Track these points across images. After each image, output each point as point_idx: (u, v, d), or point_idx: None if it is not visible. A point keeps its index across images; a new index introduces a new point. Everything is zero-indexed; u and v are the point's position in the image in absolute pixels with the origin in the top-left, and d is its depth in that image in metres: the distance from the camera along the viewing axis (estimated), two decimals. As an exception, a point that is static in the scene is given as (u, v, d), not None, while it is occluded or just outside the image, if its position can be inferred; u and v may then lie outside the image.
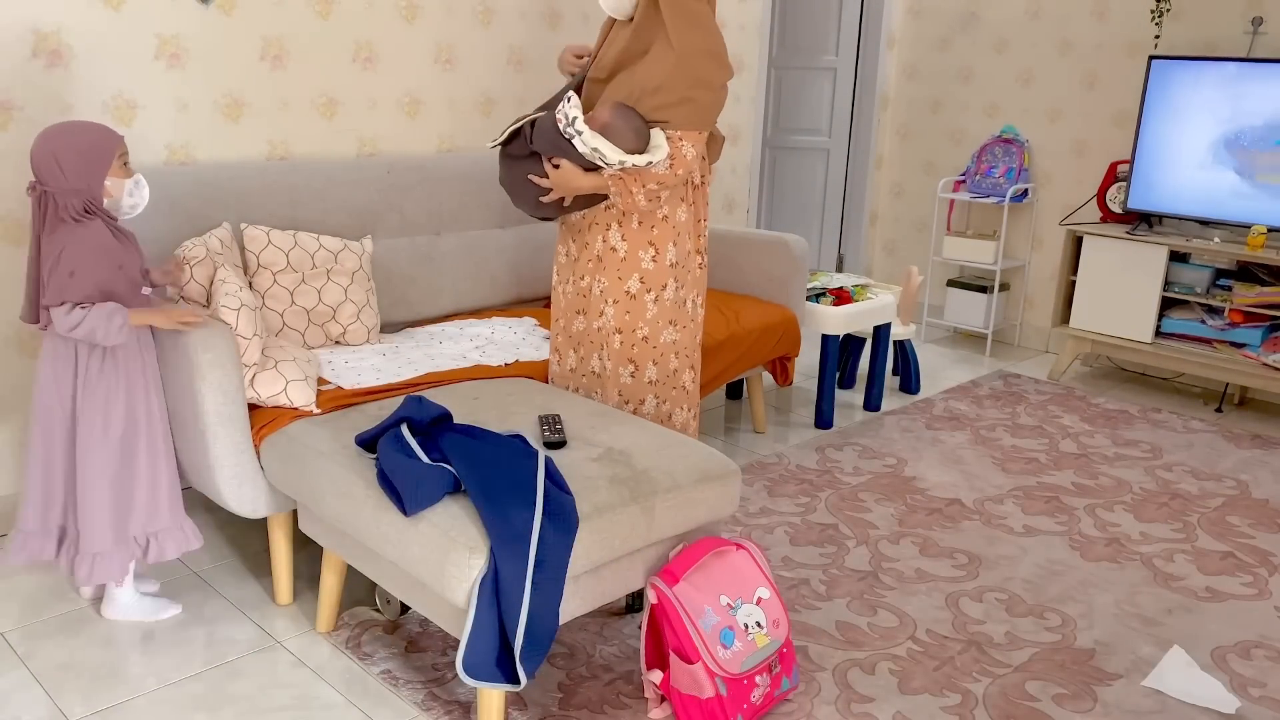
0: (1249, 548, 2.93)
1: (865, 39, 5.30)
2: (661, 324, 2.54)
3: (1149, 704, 2.18)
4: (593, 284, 2.53)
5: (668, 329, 2.55)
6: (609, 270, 2.50)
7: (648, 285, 2.51)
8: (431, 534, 1.83)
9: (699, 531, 2.21)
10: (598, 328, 2.54)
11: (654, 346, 2.55)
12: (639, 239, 2.48)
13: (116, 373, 2.17)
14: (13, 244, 2.62)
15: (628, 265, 2.49)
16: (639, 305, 2.51)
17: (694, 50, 2.31)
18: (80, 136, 2.11)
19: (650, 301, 2.52)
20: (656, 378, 2.57)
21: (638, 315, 2.52)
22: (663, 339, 2.55)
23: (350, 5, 3.15)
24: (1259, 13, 4.15)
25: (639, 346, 2.54)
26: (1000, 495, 3.22)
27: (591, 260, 2.52)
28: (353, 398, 2.43)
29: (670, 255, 2.50)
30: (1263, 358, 3.94)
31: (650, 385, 2.57)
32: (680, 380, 2.62)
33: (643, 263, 2.49)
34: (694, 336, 2.64)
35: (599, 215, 2.49)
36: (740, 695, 1.96)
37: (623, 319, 2.51)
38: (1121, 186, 4.50)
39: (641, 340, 2.53)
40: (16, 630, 2.31)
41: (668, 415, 2.63)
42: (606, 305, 2.51)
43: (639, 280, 2.50)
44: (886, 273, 5.61)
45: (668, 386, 2.60)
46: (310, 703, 2.09)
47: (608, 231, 2.48)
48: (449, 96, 3.48)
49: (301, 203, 2.89)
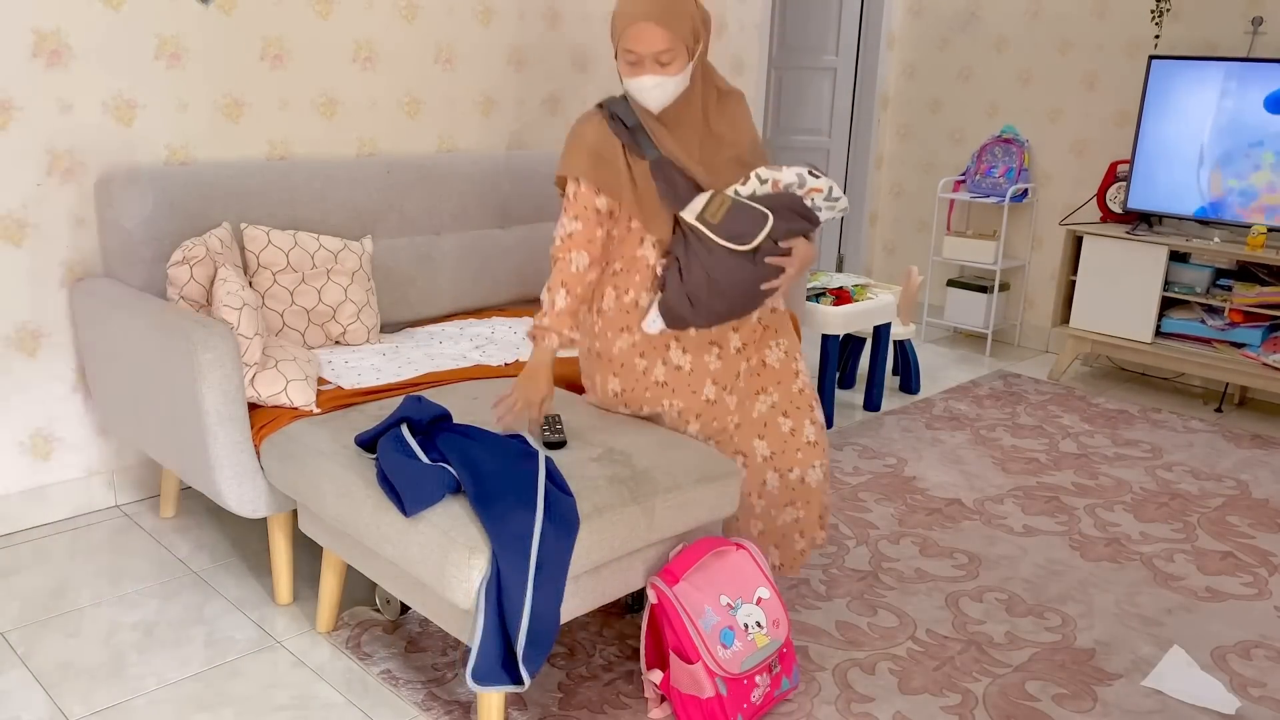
0: (1249, 548, 2.93)
1: (865, 39, 5.30)
2: None
3: (1149, 704, 2.18)
4: (769, 354, 2.34)
5: None
6: (785, 330, 2.37)
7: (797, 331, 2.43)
8: (431, 534, 1.83)
9: (699, 531, 2.21)
10: (799, 390, 2.36)
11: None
12: None
13: None
14: (13, 244, 2.63)
15: (788, 317, 2.40)
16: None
17: None
18: None
19: None
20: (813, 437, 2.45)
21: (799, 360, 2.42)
22: None
23: (350, 5, 3.15)
24: (1259, 13, 4.15)
25: (795, 399, 2.39)
26: (1000, 495, 3.22)
27: (758, 330, 2.33)
28: (353, 398, 2.43)
29: None
30: (1263, 358, 3.94)
31: None
32: None
33: (779, 308, 2.39)
34: None
35: None
36: (740, 695, 1.96)
37: (805, 365, 2.42)
38: (1121, 186, 4.50)
39: (797, 393, 2.39)
40: (16, 630, 2.31)
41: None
42: (797, 362, 2.37)
43: (792, 325, 2.43)
44: (886, 273, 5.61)
45: None
46: (310, 703, 2.09)
47: None
48: (449, 96, 3.48)
49: (301, 203, 2.89)
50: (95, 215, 2.74)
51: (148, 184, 2.62)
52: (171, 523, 2.84)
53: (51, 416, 2.77)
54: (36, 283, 2.68)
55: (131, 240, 2.61)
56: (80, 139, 2.68)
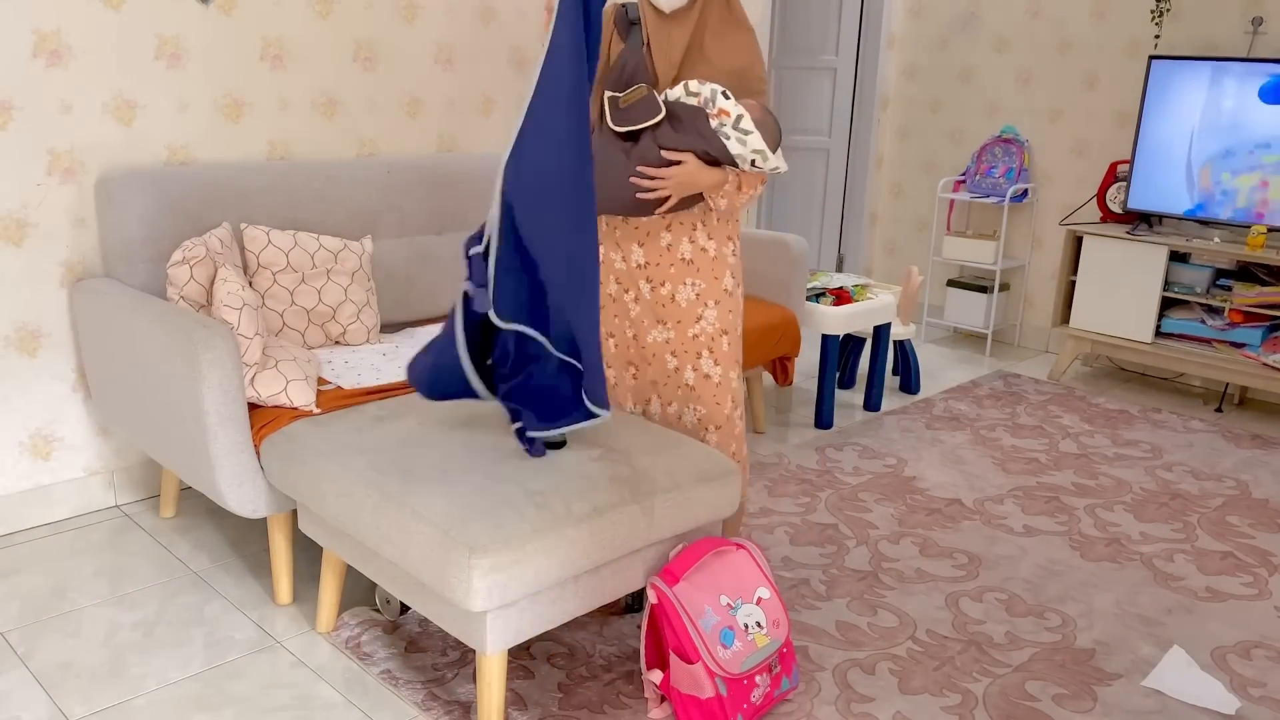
0: (1249, 548, 2.93)
1: (865, 39, 5.30)
2: (743, 318, 2.46)
3: (1149, 704, 2.18)
4: (677, 289, 2.37)
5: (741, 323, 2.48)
6: (703, 272, 2.35)
7: (738, 280, 2.40)
8: (431, 534, 1.83)
9: (699, 531, 2.21)
10: (693, 335, 2.38)
11: (743, 342, 2.45)
12: (722, 235, 2.36)
13: None
14: (13, 244, 2.63)
15: (719, 263, 2.36)
16: (734, 301, 2.41)
17: (751, 29, 2.28)
18: None
19: (740, 296, 2.43)
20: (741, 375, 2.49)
21: (737, 313, 2.42)
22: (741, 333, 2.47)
23: (350, 5, 3.15)
24: (1259, 13, 4.15)
25: (737, 345, 2.43)
26: (1000, 495, 3.22)
27: (675, 264, 2.35)
28: (353, 398, 2.43)
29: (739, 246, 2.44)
30: (1263, 358, 3.94)
31: (744, 383, 2.46)
32: None
33: (728, 258, 2.38)
34: None
35: (683, 215, 2.32)
36: (740, 695, 1.96)
37: (726, 319, 2.39)
38: (1121, 186, 4.50)
39: (738, 339, 2.43)
40: (16, 630, 2.31)
41: (740, 416, 2.51)
42: (706, 309, 2.37)
43: (731, 276, 2.39)
44: (886, 273, 5.61)
45: None
46: (310, 703, 2.09)
47: (694, 232, 2.33)
48: (449, 96, 3.48)
49: (301, 203, 2.89)
50: (95, 215, 2.74)
51: (148, 184, 2.62)
52: (171, 523, 2.84)
53: (51, 416, 2.77)
54: (36, 283, 2.68)
55: (131, 240, 2.61)
56: (80, 139, 2.68)
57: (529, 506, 1.88)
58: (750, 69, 2.28)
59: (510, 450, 2.09)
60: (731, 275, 2.40)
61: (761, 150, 2.15)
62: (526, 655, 2.26)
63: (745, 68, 2.27)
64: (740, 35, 2.28)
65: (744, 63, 2.27)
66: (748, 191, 2.28)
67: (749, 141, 2.14)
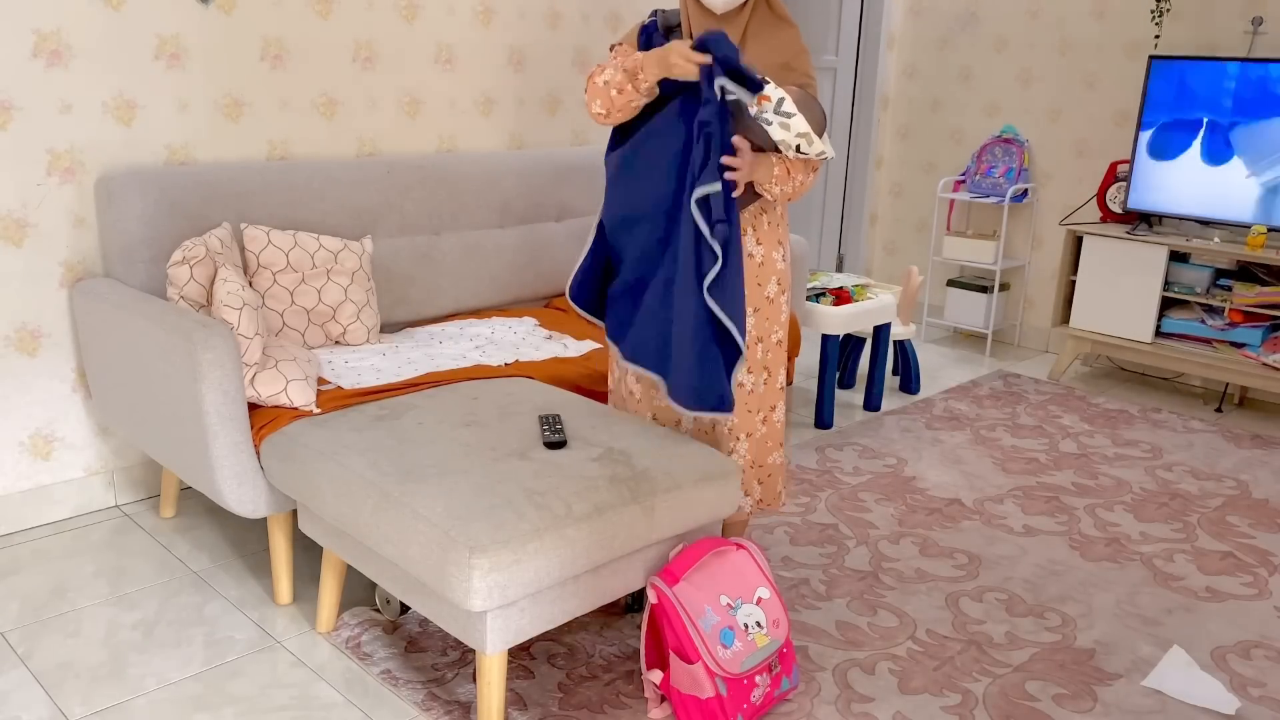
0: (1249, 548, 2.93)
1: (865, 39, 5.30)
2: (786, 325, 2.41)
3: (1149, 704, 2.18)
4: None
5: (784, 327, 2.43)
6: (747, 278, 2.30)
7: (783, 287, 2.35)
8: (431, 534, 1.83)
9: (699, 531, 2.21)
10: None
11: (783, 348, 2.39)
12: (772, 239, 2.31)
13: None
14: (13, 244, 2.63)
15: (765, 269, 2.32)
16: (774, 309, 2.35)
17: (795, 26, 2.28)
18: None
19: (784, 303, 2.37)
20: (784, 382, 2.43)
21: (774, 320, 2.36)
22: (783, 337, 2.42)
23: (350, 5, 3.15)
24: (1259, 13, 4.15)
25: (774, 352, 2.37)
26: (1000, 495, 3.22)
27: None
28: (352, 398, 2.43)
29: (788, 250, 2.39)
30: (1263, 358, 3.94)
31: (781, 391, 2.40)
32: None
33: (777, 264, 2.33)
34: None
35: None
36: (740, 695, 1.96)
37: (763, 325, 2.34)
38: (1121, 186, 4.50)
39: (776, 345, 2.37)
40: (16, 630, 2.31)
41: (779, 420, 2.46)
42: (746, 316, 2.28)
43: (776, 283, 2.34)
44: (886, 273, 5.61)
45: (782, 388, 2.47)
46: (310, 703, 2.09)
47: (745, 237, 2.28)
48: (449, 96, 3.48)
49: (301, 203, 2.89)
50: (95, 215, 2.74)
51: (148, 184, 2.62)
52: (171, 523, 2.84)
53: (51, 416, 2.77)
54: (36, 283, 2.68)
55: (131, 240, 2.61)
56: (80, 139, 2.68)
57: (529, 506, 1.88)
58: (796, 61, 2.27)
59: (510, 450, 2.09)
60: (777, 282, 2.34)
61: (806, 133, 2.11)
62: (526, 655, 2.26)
63: (791, 60, 2.26)
64: (786, 31, 2.28)
65: (789, 56, 2.26)
66: (797, 176, 2.22)
67: (792, 125, 2.10)
